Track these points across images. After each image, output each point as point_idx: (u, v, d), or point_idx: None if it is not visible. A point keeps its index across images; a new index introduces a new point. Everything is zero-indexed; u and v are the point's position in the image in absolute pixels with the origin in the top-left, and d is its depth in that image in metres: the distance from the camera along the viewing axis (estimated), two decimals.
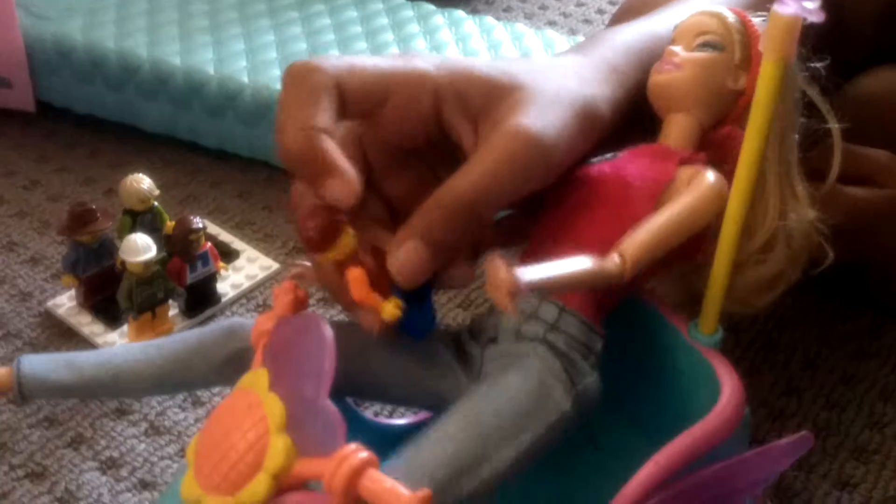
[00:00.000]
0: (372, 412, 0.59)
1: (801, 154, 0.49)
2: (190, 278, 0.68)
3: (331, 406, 0.38)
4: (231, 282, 0.74)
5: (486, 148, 0.45)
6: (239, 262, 0.76)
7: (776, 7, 0.41)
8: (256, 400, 0.39)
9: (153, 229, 0.70)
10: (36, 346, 0.67)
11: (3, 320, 0.70)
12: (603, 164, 0.48)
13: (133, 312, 0.65)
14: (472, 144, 0.46)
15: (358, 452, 0.35)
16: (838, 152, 0.50)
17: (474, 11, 1.08)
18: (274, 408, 0.38)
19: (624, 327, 0.48)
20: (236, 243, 0.78)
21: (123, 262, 0.65)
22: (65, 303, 0.71)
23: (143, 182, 0.70)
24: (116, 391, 0.49)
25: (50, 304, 0.71)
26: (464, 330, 0.48)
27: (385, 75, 0.45)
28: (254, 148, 0.88)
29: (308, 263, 0.49)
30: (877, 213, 0.59)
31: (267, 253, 0.77)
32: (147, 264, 0.64)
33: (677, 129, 0.49)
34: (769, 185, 0.47)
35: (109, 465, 0.58)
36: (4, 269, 0.76)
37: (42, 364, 0.48)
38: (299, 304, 0.47)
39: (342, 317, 0.71)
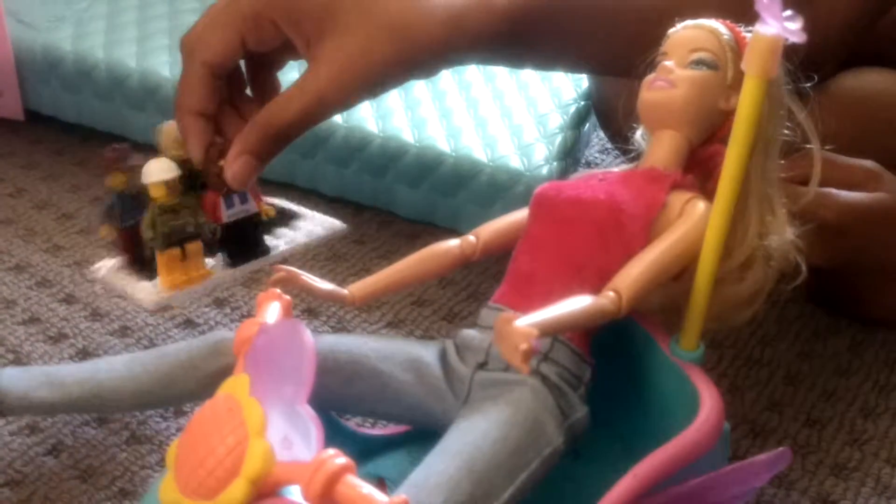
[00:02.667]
0: (354, 423, 0.59)
1: (784, 160, 0.49)
2: (226, 215, 0.63)
3: (310, 411, 0.38)
4: (287, 238, 0.69)
5: (312, 74, 0.55)
6: (299, 223, 0.71)
7: (759, 27, 0.41)
8: (236, 405, 0.39)
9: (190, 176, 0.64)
10: (19, 355, 0.67)
11: None
12: (597, 187, 0.48)
13: (158, 244, 0.60)
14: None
15: (335, 458, 0.36)
16: (818, 165, 0.51)
17: None
18: (253, 413, 0.39)
19: (607, 340, 0.48)
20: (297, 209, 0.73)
21: (147, 189, 0.60)
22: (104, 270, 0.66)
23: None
24: (100, 408, 0.49)
25: (93, 267, 0.67)
26: (450, 345, 0.48)
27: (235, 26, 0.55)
28: None
29: (293, 269, 0.49)
30: (869, 216, 0.59)
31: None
32: (169, 185, 0.60)
33: (666, 147, 0.49)
34: (750, 203, 0.47)
35: (90, 474, 0.58)
36: None
37: (23, 381, 0.47)
38: (283, 312, 0.47)
39: (327, 329, 0.71)
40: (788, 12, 0.40)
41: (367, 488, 0.35)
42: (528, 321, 0.39)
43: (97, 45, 0.92)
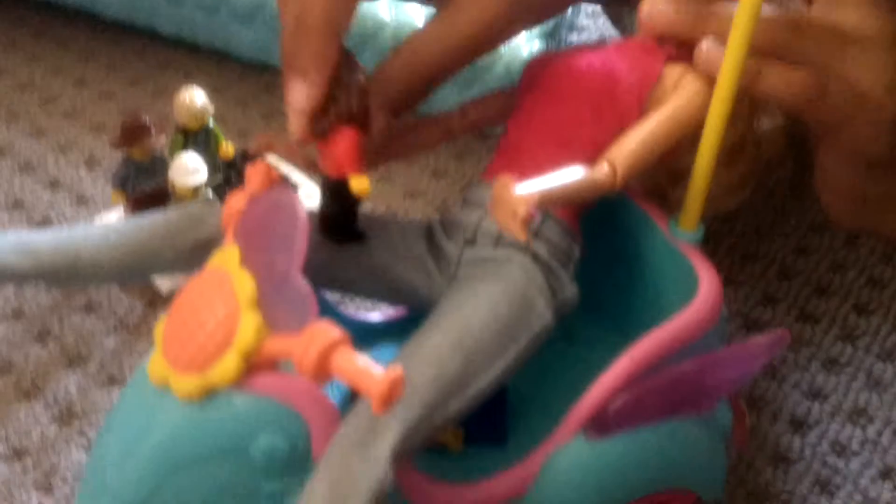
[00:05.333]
0: (352, 308, 0.58)
1: None
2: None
3: (302, 281, 0.37)
4: None
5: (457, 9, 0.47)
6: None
7: None
8: (226, 276, 0.38)
9: (207, 151, 0.65)
10: None
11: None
12: (591, 57, 0.46)
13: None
14: None
15: (329, 330, 0.35)
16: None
17: None
18: (244, 284, 0.37)
19: (602, 220, 0.47)
20: (294, 175, 0.72)
21: (173, 184, 0.60)
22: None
23: (196, 97, 0.64)
24: (74, 279, 0.47)
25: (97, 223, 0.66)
26: (436, 223, 0.47)
27: None
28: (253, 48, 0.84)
29: (273, 134, 0.47)
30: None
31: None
32: (197, 189, 0.60)
33: None
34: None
35: (78, 361, 0.57)
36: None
37: None
38: (272, 185, 0.45)
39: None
40: None
41: (363, 360, 0.34)
42: (526, 189, 0.37)
43: None
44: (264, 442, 0.37)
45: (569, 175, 0.41)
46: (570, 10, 0.89)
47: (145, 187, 0.63)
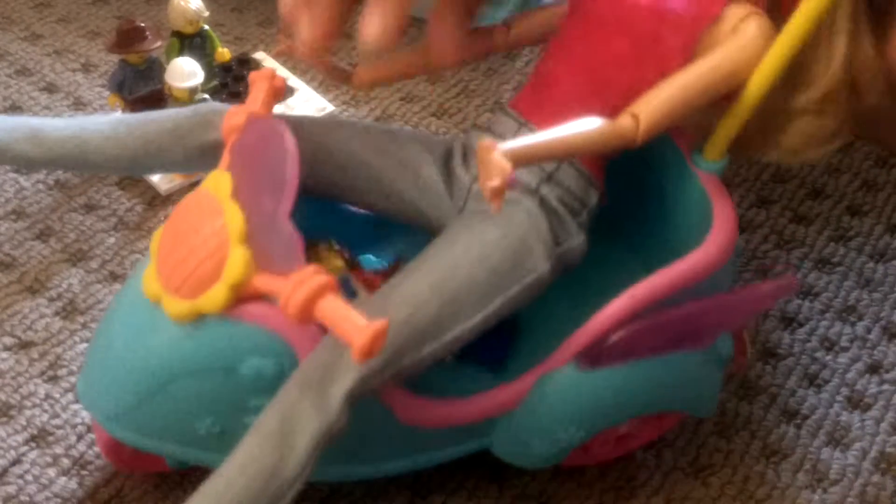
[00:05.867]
0: None
1: None
2: None
3: (289, 224, 0.36)
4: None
5: None
6: (292, 101, 0.70)
7: None
8: (218, 207, 0.39)
9: (203, 55, 0.65)
10: None
11: None
12: None
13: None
14: None
15: (316, 276, 0.35)
16: None
17: None
18: (234, 218, 0.38)
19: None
20: (292, 80, 0.72)
21: (169, 87, 0.61)
22: None
23: (191, 2, 0.64)
24: (82, 167, 0.47)
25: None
26: (456, 146, 0.45)
27: None
28: None
29: (295, 42, 0.46)
30: None
31: (324, 92, 0.72)
32: (192, 91, 0.60)
33: None
34: (839, 25, 0.41)
35: (79, 257, 0.58)
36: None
37: (4, 132, 0.45)
38: (276, 94, 0.45)
39: (335, 111, 0.70)
40: None
41: (347, 309, 0.34)
42: (510, 148, 0.35)
43: None
44: (253, 363, 0.38)
45: (576, 128, 0.38)
46: None
47: (141, 91, 0.64)
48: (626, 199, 0.48)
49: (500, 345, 0.45)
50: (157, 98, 0.64)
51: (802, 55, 0.40)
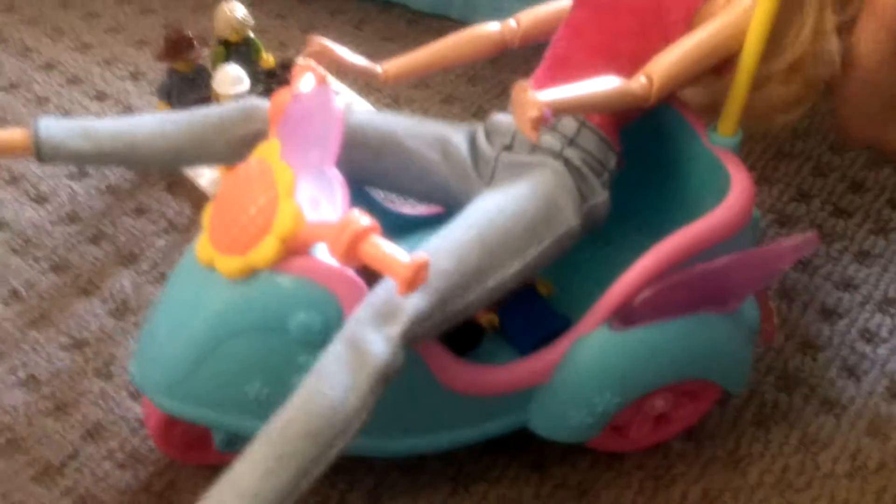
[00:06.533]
0: (389, 202, 0.60)
1: None
2: None
3: (335, 173, 0.39)
4: None
5: None
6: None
7: None
8: (268, 167, 0.41)
9: (249, 62, 0.67)
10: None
11: (21, 124, 0.71)
12: None
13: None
14: None
15: (360, 219, 0.37)
16: None
17: None
18: (283, 175, 0.40)
19: (641, 128, 0.48)
20: (335, 84, 0.72)
21: (217, 95, 0.62)
22: None
23: (236, 10, 0.66)
24: (132, 162, 0.50)
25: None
26: (480, 129, 0.49)
27: None
28: None
29: (326, 41, 0.49)
30: None
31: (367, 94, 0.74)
32: (239, 97, 0.61)
33: None
34: (808, 2, 0.46)
35: (131, 260, 0.60)
36: (20, 75, 0.76)
37: (60, 130, 0.48)
38: (318, 82, 0.47)
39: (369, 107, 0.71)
40: None
41: (391, 247, 0.36)
42: (546, 96, 0.39)
43: None
44: (301, 318, 0.40)
45: (599, 84, 0.42)
46: None
47: (189, 98, 0.65)
48: (648, 181, 0.50)
49: (534, 338, 0.46)
50: (203, 105, 0.65)
51: (776, 27, 0.44)
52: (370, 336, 0.38)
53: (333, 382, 0.37)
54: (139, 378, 0.43)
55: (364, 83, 0.73)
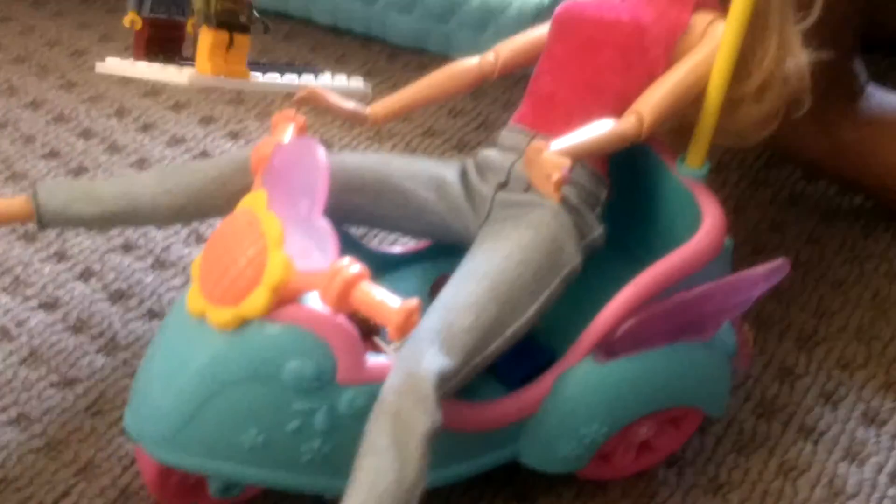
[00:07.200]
0: (373, 243, 0.61)
1: None
2: None
3: (324, 223, 0.40)
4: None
5: None
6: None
7: None
8: (255, 218, 0.41)
9: None
10: None
11: (8, 162, 0.72)
12: (620, 8, 0.48)
13: (209, 20, 0.57)
14: None
15: (350, 266, 0.38)
16: None
17: None
18: (272, 226, 0.41)
19: (622, 163, 0.49)
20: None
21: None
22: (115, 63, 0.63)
23: None
24: (134, 221, 0.52)
25: (98, 64, 0.63)
26: (469, 165, 0.50)
27: None
28: None
29: (316, 87, 0.50)
30: None
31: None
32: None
33: None
34: (770, 24, 0.47)
35: (119, 296, 0.61)
36: (6, 114, 0.77)
37: (60, 194, 0.49)
38: (298, 132, 0.48)
39: (360, 146, 0.73)
40: None
41: (382, 293, 0.37)
42: (559, 148, 0.40)
43: None
44: (294, 365, 0.40)
45: (598, 129, 0.44)
46: None
47: (160, 14, 0.61)
48: (621, 212, 0.51)
49: (521, 374, 0.47)
50: (173, 29, 0.61)
51: (742, 52, 0.46)
52: (408, 404, 0.38)
53: (391, 458, 0.38)
54: (134, 429, 0.44)
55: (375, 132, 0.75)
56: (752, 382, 0.56)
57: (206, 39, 0.57)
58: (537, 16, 0.75)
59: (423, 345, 0.40)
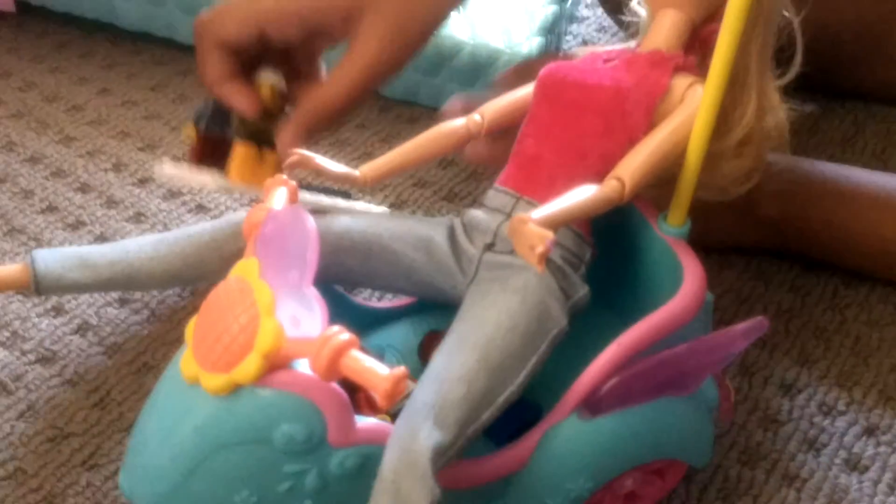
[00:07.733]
0: (360, 298, 0.63)
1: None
2: None
3: (314, 292, 0.42)
4: None
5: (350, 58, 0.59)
6: None
7: None
8: (247, 286, 0.43)
9: None
10: (40, 242, 0.70)
11: (7, 217, 0.73)
12: (601, 73, 0.49)
13: (242, 134, 0.62)
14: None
15: (340, 334, 0.39)
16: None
17: None
18: (263, 294, 0.42)
19: (604, 220, 0.51)
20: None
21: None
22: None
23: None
24: (130, 287, 0.53)
25: (157, 168, 0.65)
26: (457, 224, 0.51)
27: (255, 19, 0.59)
28: None
29: (306, 152, 0.51)
30: None
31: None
32: (272, 89, 0.63)
33: (669, 27, 0.50)
34: (750, 80, 0.49)
35: (114, 350, 0.62)
36: (5, 169, 0.78)
37: (56, 262, 0.51)
38: (289, 198, 0.50)
39: (353, 197, 0.74)
40: None
41: (370, 361, 0.38)
42: (541, 217, 0.41)
43: None
44: (285, 429, 0.41)
45: (580, 195, 0.45)
46: (569, 1, 0.93)
47: (216, 130, 0.64)
48: (604, 269, 0.52)
49: (507, 433, 0.48)
50: (223, 144, 0.64)
51: (722, 109, 0.47)
52: (407, 483, 0.39)
53: None
54: (130, 491, 0.45)
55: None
56: (737, 430, 0.57)
57: (236, 152, 0.62)
58: None
59: (418, 419, 0.41)
